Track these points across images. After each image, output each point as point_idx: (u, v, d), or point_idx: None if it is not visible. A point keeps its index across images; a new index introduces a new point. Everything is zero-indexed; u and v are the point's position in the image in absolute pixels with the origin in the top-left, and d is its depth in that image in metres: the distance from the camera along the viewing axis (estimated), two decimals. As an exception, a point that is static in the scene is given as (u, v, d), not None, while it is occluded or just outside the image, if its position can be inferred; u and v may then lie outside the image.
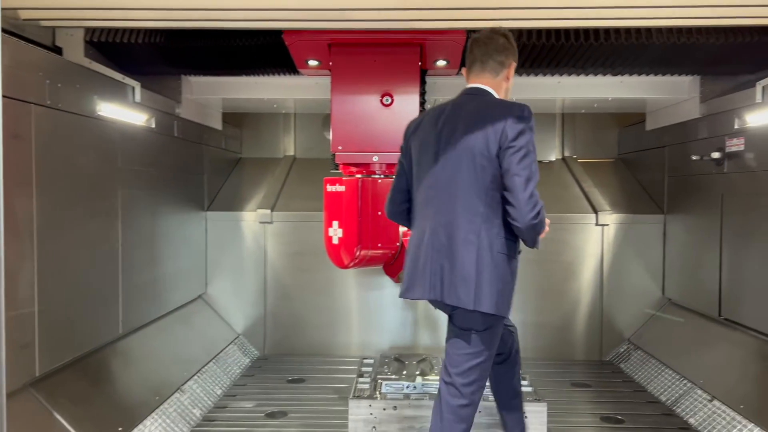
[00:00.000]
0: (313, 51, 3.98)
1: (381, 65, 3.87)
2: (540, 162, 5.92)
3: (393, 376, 3.57)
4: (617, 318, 5.07)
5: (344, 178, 3.94)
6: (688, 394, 3.88)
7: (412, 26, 3.56)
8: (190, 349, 4.32)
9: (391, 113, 3.88)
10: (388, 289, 5.07)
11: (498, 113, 2.43)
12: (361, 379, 3.74)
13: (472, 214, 2.44)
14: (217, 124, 5.37)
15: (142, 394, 3.52)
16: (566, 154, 6.04)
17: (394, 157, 3.92)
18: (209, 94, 4.71)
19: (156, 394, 3.58)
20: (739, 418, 3.38)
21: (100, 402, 3.20)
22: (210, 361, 4.38)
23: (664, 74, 4.31)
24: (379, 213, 3.93)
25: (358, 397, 3.46)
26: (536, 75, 4.32)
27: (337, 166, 4.55)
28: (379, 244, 3.96)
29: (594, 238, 5.08)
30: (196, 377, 4.04)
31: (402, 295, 2.63)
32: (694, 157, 4.24)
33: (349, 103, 3.88)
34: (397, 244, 4.07)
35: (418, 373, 3.66)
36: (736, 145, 3.94)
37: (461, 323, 2.53)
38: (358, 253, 3.92)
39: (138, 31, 3.64)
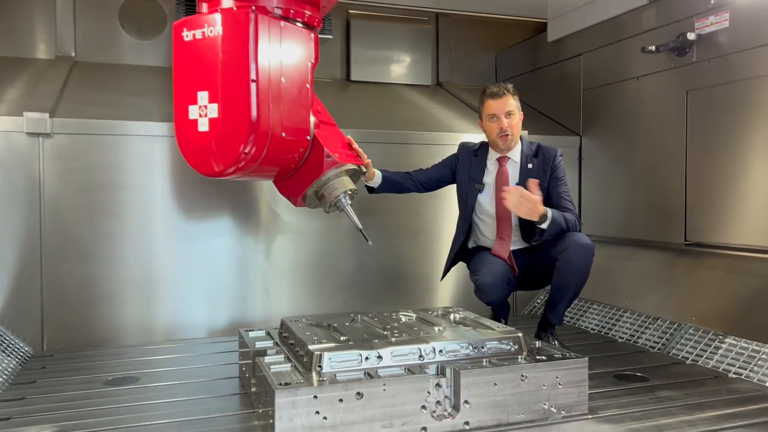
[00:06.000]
0: None
1: None
2: (416, 86, 4.83)
3: (332, 345, 2.05)
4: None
5: (217, 16, 2.31)
6: (677, 336, 3.03)
7: None
8: None
9: None
10: (230, 236, 3.43)
11: None
12: (269, 359, 2.13)
13: None
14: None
15: None
16: (441, 79, 4.99)
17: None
18: None
19: None
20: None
21: None
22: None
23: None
24: (283, 80, 2.37)
25: (288, 385, 1.87)
26: None
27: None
28: (284, 134, 2.40)
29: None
30: None
31: None
32: (651, 48, 3.43)
33: None
34: (308, 137, 2.54)
35: (367, 336, 2.19)
36: (714, 23, 3.19)
37: None
38: (247, 150, 2.32)
39: None
